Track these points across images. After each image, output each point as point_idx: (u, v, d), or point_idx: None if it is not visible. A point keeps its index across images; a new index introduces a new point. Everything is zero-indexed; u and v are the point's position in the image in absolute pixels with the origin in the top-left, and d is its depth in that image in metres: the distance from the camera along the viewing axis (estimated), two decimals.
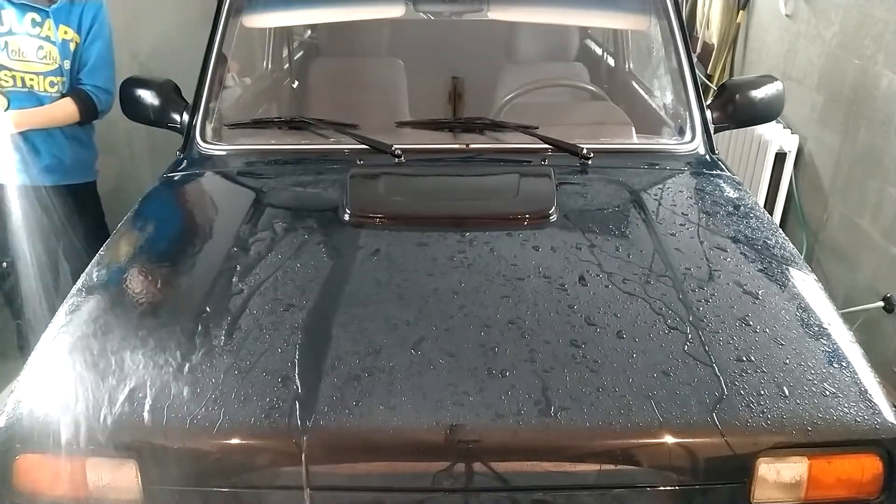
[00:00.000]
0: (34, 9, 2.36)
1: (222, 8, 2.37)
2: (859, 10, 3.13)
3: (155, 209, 2.04)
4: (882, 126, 2.97)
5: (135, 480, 1.30)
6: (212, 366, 1.41)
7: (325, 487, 1.30)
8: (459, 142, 2.22)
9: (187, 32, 2.14)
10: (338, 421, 1.31)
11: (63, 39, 2.46)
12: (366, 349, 1.44)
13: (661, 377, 1.37)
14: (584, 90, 2.66)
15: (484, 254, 1.71)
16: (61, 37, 2.46)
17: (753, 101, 2.27)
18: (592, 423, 1.30)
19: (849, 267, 3.22)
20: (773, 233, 1.86)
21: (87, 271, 1.71)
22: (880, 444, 1.31)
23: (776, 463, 1.30)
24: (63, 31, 2.45)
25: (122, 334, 1.55)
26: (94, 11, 2.51)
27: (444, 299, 1.57)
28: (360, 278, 1.66)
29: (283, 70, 3.14)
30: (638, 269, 1.68)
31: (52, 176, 2.53)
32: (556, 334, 1.47)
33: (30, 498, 1.34)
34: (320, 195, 2.05)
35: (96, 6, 2.52)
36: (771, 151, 3.53)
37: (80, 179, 2.62)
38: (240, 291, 1.63)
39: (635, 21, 2.59)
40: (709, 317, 1.52)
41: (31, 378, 1.41)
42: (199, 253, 1.84)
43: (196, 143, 2.24)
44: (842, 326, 1.54)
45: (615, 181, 2.07)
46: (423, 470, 1.30)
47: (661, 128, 2.41)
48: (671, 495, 1.31)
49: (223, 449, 1.29)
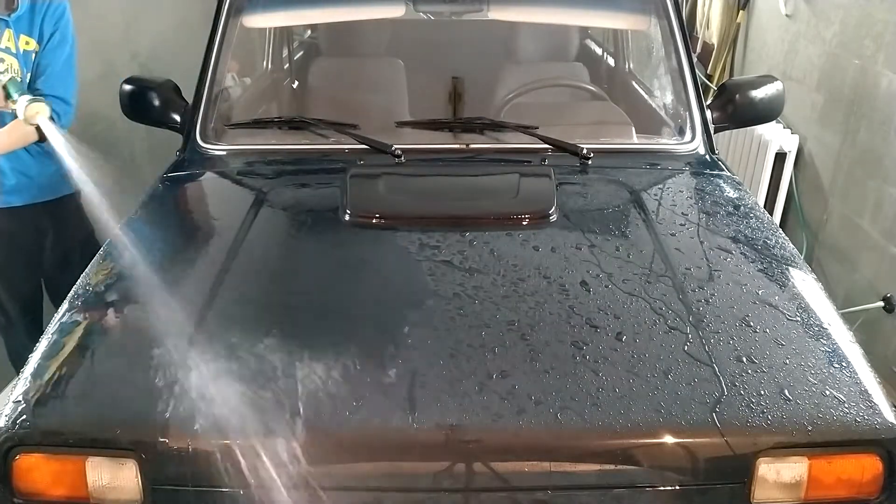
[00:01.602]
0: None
1: (222, 8, 2.37)
2: (859, 10, 3.13)
3: (155, 209, 2.04)
4: (882, 126, 2.97)
5: (135, 480, 1.30)
6: (211, 365, 1.41)
7: (325, 487, 1.30)
8: (459, 142, 2.22)
9: (187, 32, 2.11)
10: (338, 421, 1.31)
11: (24, 50, 2.25)
12: (366, 349, 1.44)
13: (661, 377, 1.37)
14: (584, 90, 2.66)
15: (484, 254, 1.71)
16: (22, 47, 2.24)
17: (753, 101, 2.27)
18: (592, 423, 1.30)
19: (849, 267, 3.22)
20: (773, 233, 1.86)
21: (87, 272, 1.71)
22: (880, 444, 1.31)
23: (776, 463, 1.30)
24: (24, 42, 2.24)
25: (122, 334, 1.55)
26: (58, 15, 2.28)
27: (443, 299, 1.57)
28: (360, 278, 1.66)
29: (283, 70, 3.14)
30: (638, 269, 1.68)
31: (21, 195, 2.35)
32: (556, 334, 1.47)
33: (30, 498, 1.34)
34: (320, 195, 2.05)
35: (60, 9, 2.30)
36: (771, 151, 3.53)
37: (53, 195, 2.40)
38: (240, 292, 1.62)
39: (635, 21, 2.59)
40: (709, 317, 1.52)
41: (30, 378, 1.40)
42: (198, 253, 1.84)
43: (196, 143, 2.24)
44: (842, 326, 1.54)
45: (615, 181, 2.07)
46: (423, 470, 1.30)
47: (661, 128, 2.41)
48: (671, 495, 1.31)
49: (223, 449, 1.29)
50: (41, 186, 2.36)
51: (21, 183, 2.34)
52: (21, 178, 2.35)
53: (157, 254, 1.81)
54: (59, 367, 1.42)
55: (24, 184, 2.35)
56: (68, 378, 1.41)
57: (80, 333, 1.51)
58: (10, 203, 2.33)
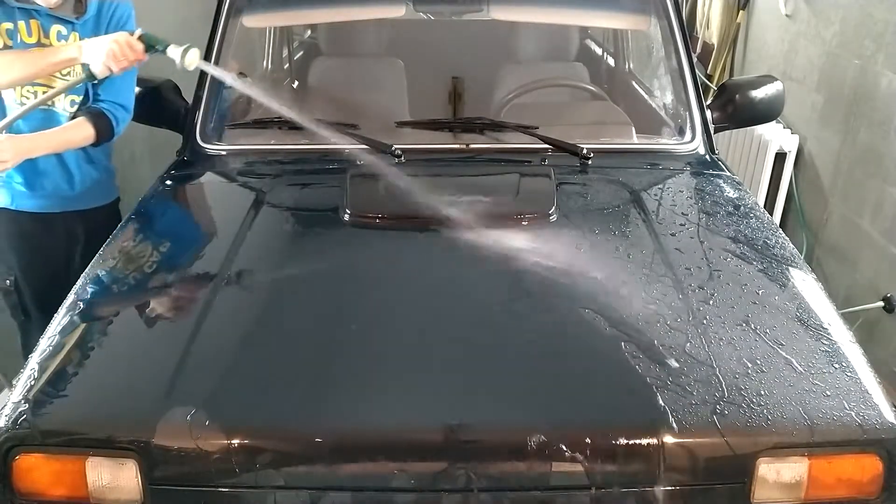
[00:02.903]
0: (60, 20, 2.13)
1: (222, 8, 2.37)
2: (859, 10, 3.13)
3: (155, 209, 2.04)
4: (882, 126, 2.97)
5: (135, 480, 1.30)
6: (211, 365, 1.41)
7: (326, 487, 1.30)
8: (459, 142, 2.22)
9: (187, 32, 2.10)
10: (338, 421, 1.31)
11: None
12: (366, 349, 1.44)
13: (661, 377, 1.37)
14: (584, 90, 2.66)
15: (484, 254, 1.71)
16: None
17: (753, 101, 2.27)
18: (592, 423, 1.31)
19: (849, 267, 3.22)
20: (773, 233, 1.86)
21: (87, 272, 1.71)
22: (880, 444, 1.31)
23: (776, 463, 1.30)
24: None
25: (122, 334, 1.55)
26: (123, 20, 2.23)
27: (444, 299, 1.57)
28: (360, 278, 1.66)
29: (283, 70, 3.13)
30: (638, 269, 1.68)
31: (56, 202, 2.27)
32: (556, 334, 1.47)
33: (30, 498, 1.34)
34: (320, 195, 2.05)
35: (126, 14, 2.25)
36: (771, 151, 3.53)
37: (88, 205, 2.32)
38: (239, 292, 1.62)
39: (635, 21, 2.59)
40: (709, 317, 1.52)
41: (30, 378, 1.40)
42: (198, 253, 1.84)
43: (196, 143, 2.24)
44: (842, 326, 1.54)
45: (615, 181, 2.07)
46: (423, 470, 1.30)
47: (661, 128, 2.41)
48: (671, 495, 1.31)
49: (224, 448, 1.29)
50: (79, 195, 2.30)
51: (60, 190, 2.27)
52: (60, 185, 2.27)
53: (157, 254, 1.81)
54: (59, 368, 1.42)
55: (62, 191, 2.27)
56: (68, 378, 1.41)
57: (80, 333, 1.51)
58: (44, 209, 2.25)
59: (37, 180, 2.20)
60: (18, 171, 2.14)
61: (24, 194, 2.21)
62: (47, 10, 2.07)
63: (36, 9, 2.06)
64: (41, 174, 2.20)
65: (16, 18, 2.04)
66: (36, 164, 2.16)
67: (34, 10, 2.06)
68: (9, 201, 2.22)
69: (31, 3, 2.05)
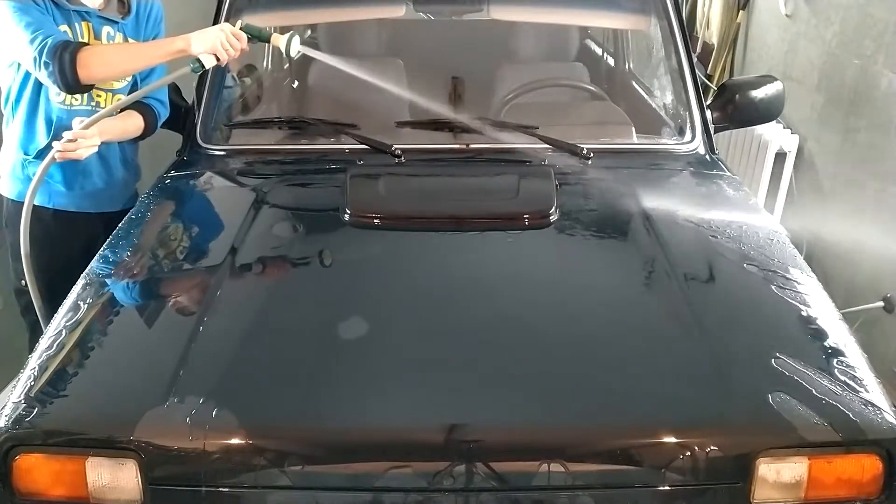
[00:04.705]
0: (109, 22, 2.16)
1: (222, 8, 2.37)
2: (859, 10, 3.13)
3: (155, 209, 2.04)
4: (882, 126, 2.97)
5: (135, 480, 1.30)
6: (211, 365, 1.41)
7: (326, 487, 1.30)
8: (459, 142, 2.22)
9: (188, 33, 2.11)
10: (338, 420, 1.31)
11: None
12: (366, 349, 1.44)
13: (661, 377, 1.37)
14: (584, 90, 2.66)
15: (484, 254, 1.71)
16: None
17: (753, 101, 2.28)
18: (592, 423, 1.31)
19: (849, 267, 3.21)
20: (773, 233, 1.86)
21: (88, 272, 1.71)
22: (880, 444, 1.31)
23: (776, 463, 1.30)
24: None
25: (122, 334, 1.55)
26: (158, 18, 2.28)
27: (444, 299, 1.57)
28: (360, 278, 1.66)
29: (283, 70, 3.14)
30: (638, 269, 1.68)
31: (97, 202, 2.26)
32: (556, 334, 1.47)
33: (30, 498, 1.34)
34: (320, 195, 2.05)
35: (159, 12, 2.29)
36: (771, 151, 3.53)
37: (112, 207, 2.29)
38: (240, 291, 1.62)
39: (635, 21, 2.59)
40: (709, 317, 1.52)
41: (30, 378, 1.40)
42: (199, 253, 1.84)
43: (196, 142, 2.25)
44: (842, 326, 1.54)
45: (615, 181, 2.07)
46: (423, 470, 1.30)
47: (661, 128, 2.41)
48: (671, 495, 1.31)
49: (224, 448, 1.29)
50: (112, 197, 2.29)
51: (97, 189, 2.25)
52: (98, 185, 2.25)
53: (157, 254, 1.81)
54: (59, 367, 1.42)
55: (99, 191, 2.25)
56: (68, 378, 1.41)
57: (80, 333, 1.51)
58: (81, 208, 2.23)
59: (76, 179, 2.20)
60: (58, 170, 2.13)
61: (61, 193, 2.19)
62: (97, 12, 2.11)
63: (87, 10, 2.09)
64: (81, 173, 2.20)
65: (72, 21, 2.06)
66: (78, 163, 2.13)
67: (85, 13, 2.09)
68: (45, 199, 2.18)
69: (82, 6, 2.08)
